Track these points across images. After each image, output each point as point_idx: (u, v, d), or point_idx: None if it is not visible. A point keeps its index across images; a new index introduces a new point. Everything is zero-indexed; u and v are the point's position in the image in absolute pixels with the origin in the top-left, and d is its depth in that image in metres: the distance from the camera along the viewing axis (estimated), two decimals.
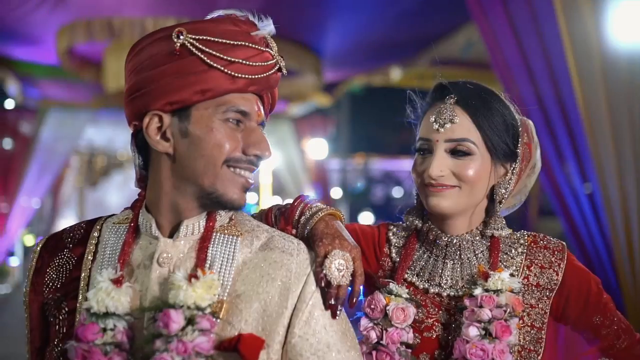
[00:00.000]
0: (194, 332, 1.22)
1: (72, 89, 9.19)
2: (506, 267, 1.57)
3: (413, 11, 6.55)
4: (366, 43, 7.49)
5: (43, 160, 9.40)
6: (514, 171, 1.61)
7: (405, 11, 6.55)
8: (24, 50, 7.96)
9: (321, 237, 1.37)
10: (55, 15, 6.47)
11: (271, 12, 4.76)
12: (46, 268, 1.42)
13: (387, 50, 7.78)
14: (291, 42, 6.91)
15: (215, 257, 1.32)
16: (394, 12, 6.59)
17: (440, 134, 1.54)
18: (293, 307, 1.31)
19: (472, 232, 1.60)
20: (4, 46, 7.82)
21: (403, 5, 6.39)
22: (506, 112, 1.59)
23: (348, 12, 6.65)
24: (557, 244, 1.62)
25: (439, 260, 1.61)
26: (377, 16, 6.75)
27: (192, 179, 1.30)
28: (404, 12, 6.57)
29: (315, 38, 7.19)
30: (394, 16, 6.72)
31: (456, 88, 1.58)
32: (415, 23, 6.91)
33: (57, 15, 6.45)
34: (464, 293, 1.55)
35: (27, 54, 8.05)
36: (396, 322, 1.50)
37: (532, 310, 1.56)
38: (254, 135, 1.32)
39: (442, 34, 7.29)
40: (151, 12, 6.23)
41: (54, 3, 6.23)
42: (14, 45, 7.79)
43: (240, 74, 1.28)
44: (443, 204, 1.54)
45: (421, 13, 6.62)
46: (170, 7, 6.19)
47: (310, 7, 6.45)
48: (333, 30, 7.15)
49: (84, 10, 6.30)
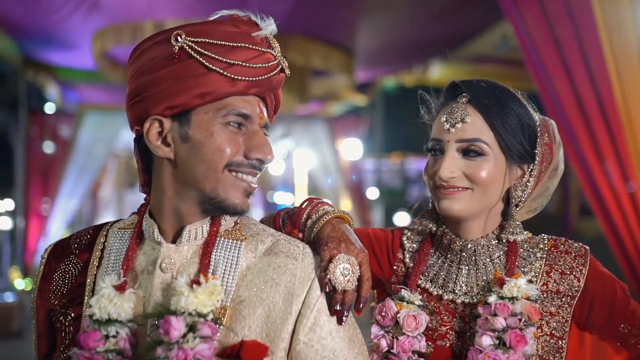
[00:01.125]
0: (195, 339, 1.20)
1: (109, 92, 9.36)
2: (524, 273, 1.50)
3: (446, 8, 6.45)
4: (399, 41, 7.41)
5: (81, 163, 9.60)
6: (532, 173, 1.55)
7: (438, 8, 6.46)
8: (62, 56, 8.14)
9: (327, 241, 1.33)
10: (90, 20, 6.59)
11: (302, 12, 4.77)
12: (53, 274, 1.41)
13: (420, 49, 7.68)
14: (322, 42, 6.88)
15: (219, 263, 1.30)
16: (427, 9, 6.51)
17: (451, 134, 1.49)
18: (297, 313, 1.27)
19: (487, 237, 1.54)
20: (43, 52, 8.01)
21: (436, 3, 6.30)
22: (522, 112, 1.52)
23: (380, 11, 6.59)
24: (580, 248, 1.55)
25: (454, 266, 1.55)
26: (409, 14, 6.68)
27: (193, 184, 1.28)
28: (437, 9, 6.48)
29: (346, 37, 7.15)
30: (426, 14, 6.63)
31: (469, 87, 1.52)
32: (448, 20, 6.82)
33: (91, 20, 6.57)
34: (478, 300, 1.49)
35: (65, 59, 8.23)
36: (407, 330, 1.45)
37: (551, 318, 1.49)
38: (256, 138, 1.29)
39: (477, 31, 7.17)
40: (182, 14, 6.29)
41: (89, 8, 6.34)
42: (53, 51, 7.97)
43: (241, 77, 1.25)
44: (455, 207, 1.48)
45: (455, 10, 6.52)
46: (201, 9, 6.22)
47: (342, 6, 6.41)
48: (365, 29, 7.11)
49: (116, 15, 6.40)
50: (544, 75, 3.96)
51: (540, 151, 1.55)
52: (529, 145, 1.52)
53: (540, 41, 3.97)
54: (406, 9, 6.54)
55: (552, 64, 3.89)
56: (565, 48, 3.78)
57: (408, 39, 7.31)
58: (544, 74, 3.97)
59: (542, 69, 3.99)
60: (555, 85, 3.85)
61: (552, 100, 3.74)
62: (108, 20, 6.58)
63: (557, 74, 3.86)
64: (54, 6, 6.39)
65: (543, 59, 3.97)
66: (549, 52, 3.91)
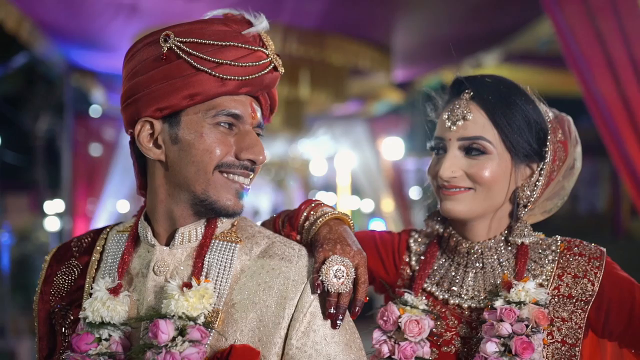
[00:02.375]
0: (184, 343, 1.18)
1: None
2: (534, 277, 1.43)
3: (486, 4, 6.30)
4: (437, 39, 7.28)
5: (124, 165, 9.74)
6: (541, 172, 1.47)
7: (477, 4, 6.31)
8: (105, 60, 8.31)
9: (322, 243, 1.29)
10: (130, 24, 6.70)
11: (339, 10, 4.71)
12: (54, 277, 1.42)
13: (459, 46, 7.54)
14: (359, 40, 6.82)
15: (212, 265, 1.28)
16: (466, 5, 6.37)
17: (453, 132, 1.43)
18: (290, 317, 1.24)
19: (495, 239, 1.48)
20: (87, 57, 8.20)
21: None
22: (529, 108, 1.45)
23: (417, 7, 6.49)
24: (595, 250, 1.46)
25: (460, 269, 1.49)
26: (447, 10, 6.55)
27: (184, 186, 1.26)
28: (476, 4, 6.34)
29: (384, 35, 7.06)
30: (465, 9, 6.49)
31: (473, 83, 1.46)
32: (488, 16, 6.66)
33: (132, 24, 6.68)
34: (485, 305, 1.42)
35: (107, 63, 8.40)
36: (410, 336, 1.39)
37: (563, 324, 1.41)
38: (248, 139, 1.27)
39: (519, 27, 6.98)
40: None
41: (129, 12, 6.46)
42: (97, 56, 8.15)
43: (230, 76, 1.22)
44: (457, 208, 1.42)
45: (495, 5, 6.36)
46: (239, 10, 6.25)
47: (379, 3, 6.34)
48: (402, 26, 7.00)
49: (156, 18, 6.48)
50: (587, 72, 3.81)
51: (552, 149, 1.47)
52: (536, 143, 1.45)
53: (581, 35, 3.81)
54: (444, 5, 6.42)
55: (594, 60, 3.73)
56: (608, 43, 3.63)
57: (447, 36, 7.16)
58: (586, 71, 3.81)
59: (584, 66, 3.83)
60: (598, 83, 3.69)
61: (596, 100, 3.59)
62: (147, 24, 6.68)
63: (599, 70, 3.70)
64: (95, 12, 6.54)
65: (584, 55, 3.81)
66: (591, 47, 3.75)
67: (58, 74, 9.13)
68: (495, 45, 7.38)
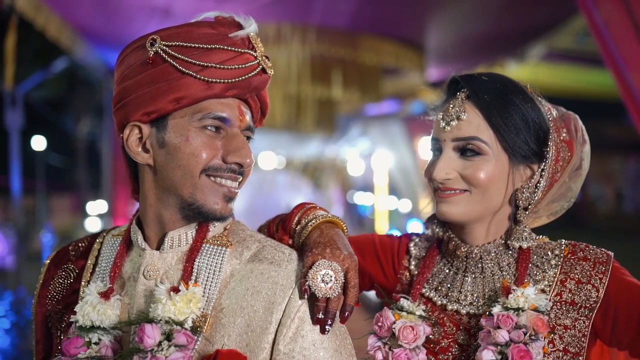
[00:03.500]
0: (170, 348, 1.18)
1: None
2: (536, 282, 1.37)
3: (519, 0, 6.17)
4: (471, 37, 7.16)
5: None
6: (542, 173, 1.41)
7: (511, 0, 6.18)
8: None
9: (312, 246, 1.27)
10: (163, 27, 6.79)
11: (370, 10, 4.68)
12: (51, 280, 1.43)
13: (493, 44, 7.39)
14: (392, 40, 6.75)
15: (202, 269, 1.27)
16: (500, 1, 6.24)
17: (447, 133, 1.39)
18: (278, 322, 1.22)
19: (494, 242, 1.43)
20: None
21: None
22: (527, 107, 1.39)
23: (450, 5, 6.39)
24: (601, 254, 1.39)
25: (459, 274, 1.45)
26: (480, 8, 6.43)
27: (172, 190, 1.26)
28: (510, 1, 6.21)
29: (417, 34, 6.98)
30: (499, 6, 6.37)
31: (468, 81, 1.41)
32: (522, 12, 6.51)
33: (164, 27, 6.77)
34: (484, 311, 1.37)
35: None
36: (404, 342, 1.35)
37: (565, 332, 1.34)
38: (235, 142, 1.25)
39: (555, 23, 6.81)
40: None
41: (162, 16, 6.54)
42: None
43: (215, 79, 1.22)
44: (452, 211, 1.38)
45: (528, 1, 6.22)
46: (270, 12, 6.26)
47: (411, 2, 6.26)
48: (435, 24, 6.91)
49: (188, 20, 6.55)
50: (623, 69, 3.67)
51: (555, 149, 1.41)
52: (535, 143, 1.39)
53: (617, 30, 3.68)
54: (477, 3, 6.30)
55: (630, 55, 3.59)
56: None
57: (480, 34, 7.04)
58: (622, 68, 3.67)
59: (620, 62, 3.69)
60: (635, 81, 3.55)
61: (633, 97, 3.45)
62: None
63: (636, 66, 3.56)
64: (129, 16, 6.65)
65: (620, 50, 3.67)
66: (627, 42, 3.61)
67: (98, 77, 9.34)
68: (532, 42, 7.21)
